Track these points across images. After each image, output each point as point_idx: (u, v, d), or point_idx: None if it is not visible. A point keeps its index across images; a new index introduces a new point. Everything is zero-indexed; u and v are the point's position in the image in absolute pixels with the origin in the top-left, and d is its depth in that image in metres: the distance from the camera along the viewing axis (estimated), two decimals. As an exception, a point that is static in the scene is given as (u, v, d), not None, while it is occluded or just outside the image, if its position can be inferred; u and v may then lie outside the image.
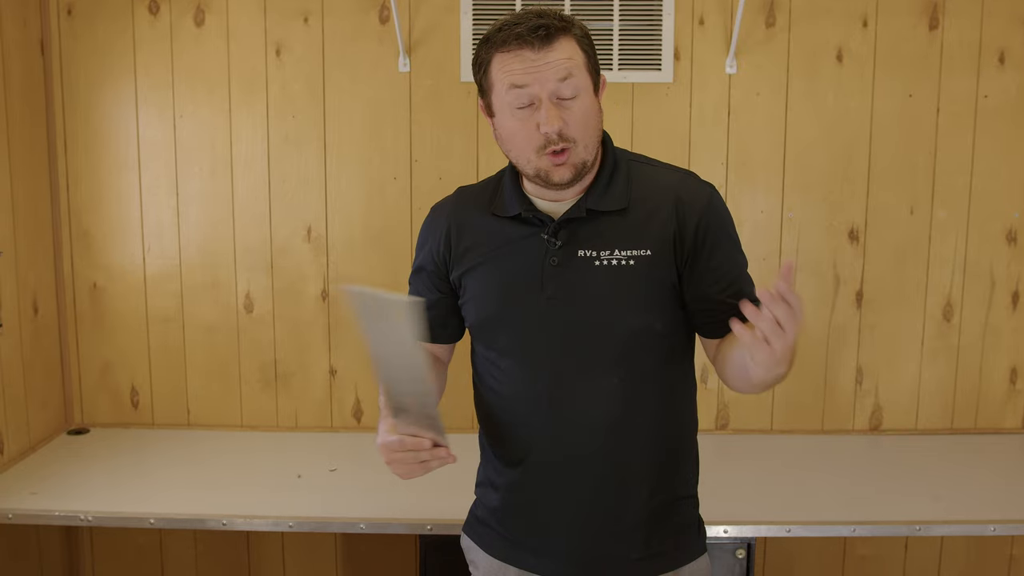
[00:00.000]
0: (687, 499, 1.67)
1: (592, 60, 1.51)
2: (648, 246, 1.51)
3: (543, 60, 1.45)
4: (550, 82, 1.45)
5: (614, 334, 1.52)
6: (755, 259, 2.77)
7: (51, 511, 2.34)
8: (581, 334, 1.53)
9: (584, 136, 1.49)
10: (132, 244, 2.87)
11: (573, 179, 1.51)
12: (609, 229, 1.53)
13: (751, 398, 2.88)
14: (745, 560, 2.30)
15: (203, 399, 2.94)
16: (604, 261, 1.51)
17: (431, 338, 1.71)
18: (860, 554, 2.93)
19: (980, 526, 2.28)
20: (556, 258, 1.53)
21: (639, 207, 1.54)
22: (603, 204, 1.53)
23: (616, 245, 1.52)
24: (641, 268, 1.51)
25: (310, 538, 2.97)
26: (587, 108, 1.48)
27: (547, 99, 1.45)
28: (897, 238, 2.81)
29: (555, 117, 1.45)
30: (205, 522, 2.30)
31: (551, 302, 1.53)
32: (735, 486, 2.49)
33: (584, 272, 1.52)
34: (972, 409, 2.89)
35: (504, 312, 1.58)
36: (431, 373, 1.42)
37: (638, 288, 1.52)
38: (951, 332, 2.85)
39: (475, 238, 1.61)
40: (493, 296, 1.59)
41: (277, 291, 2.88)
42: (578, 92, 1.46)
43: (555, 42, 1.45)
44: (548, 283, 1.53)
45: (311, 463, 2.63)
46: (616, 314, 1.52)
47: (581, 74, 1.47)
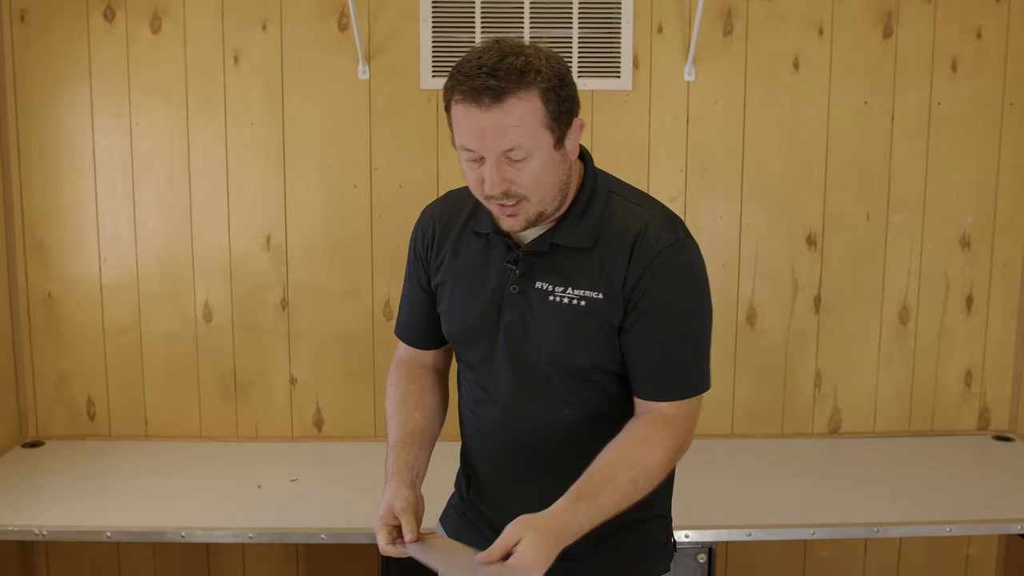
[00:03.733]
0: (650, 520, 1.64)
1: (557, 111, 1.39)
2: (602, 288, 1.46)
3: (490, 124, 1.35)
4: (496, 148, 1.36)
5: (563, 369, 1.51)
6: (714, 265, 2.80)
7: (4, 526, 2.29)
8: (533, 364, 1.52)
9: (537, 192, 1.42)
10: (88, 254, 2.83)
11: (527, 228, 1.47)
12: (570, 265, 1.48)
13: (711, 403, 2.90)
14: (707, 564, 2.31)
15: (161, 410, 2.90)
16: (557, 297, 1.48)
17: (427, 344, 1.71)
18: (820, 556, 2.96)
19: (937, 527, 2.31)
20: (516, 286, 1.50)
21: (604, 245, 1.47)
22: (568, 240, 1.48)
23: (572, 283, 1.48)
24: (591, 310, 1.47)
25: (271, 549, 2.94)
26: (541, 166, 1.40)
27: (493, 162, 1.38)
28: (854, 243, 2.85)
29: (497, 182, 1.38)
30: (164, 535, 2.27)
31: (507, 329, 1.52)
32: (696, 491, 2.49)
33: (538, 305, 1.49)
34: (928, 411, 2.94)
35: (468, 331, 1.58)
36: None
37: (586, 329, 1.48)
38: (907, 336, 2.89)
39: (453, 249, 1.60)
40: (459, 314, 1.58)
41: (236, 300, 2.85)
42: (529, 154, 1.37)
43: (506, 103, 1.34)
44: (506, 310, 1.51)
45: (271, 473, 2.60)
46: (565, 350, 1.49)
47: (535, 135, 1.37)
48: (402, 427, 1.62)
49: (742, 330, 2.87)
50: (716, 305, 2.80)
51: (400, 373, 1.71)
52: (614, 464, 1.39)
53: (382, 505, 1.50)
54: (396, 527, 1.48)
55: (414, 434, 1.62)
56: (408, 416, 1.64)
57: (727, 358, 2.88)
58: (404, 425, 1.62)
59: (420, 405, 1.66)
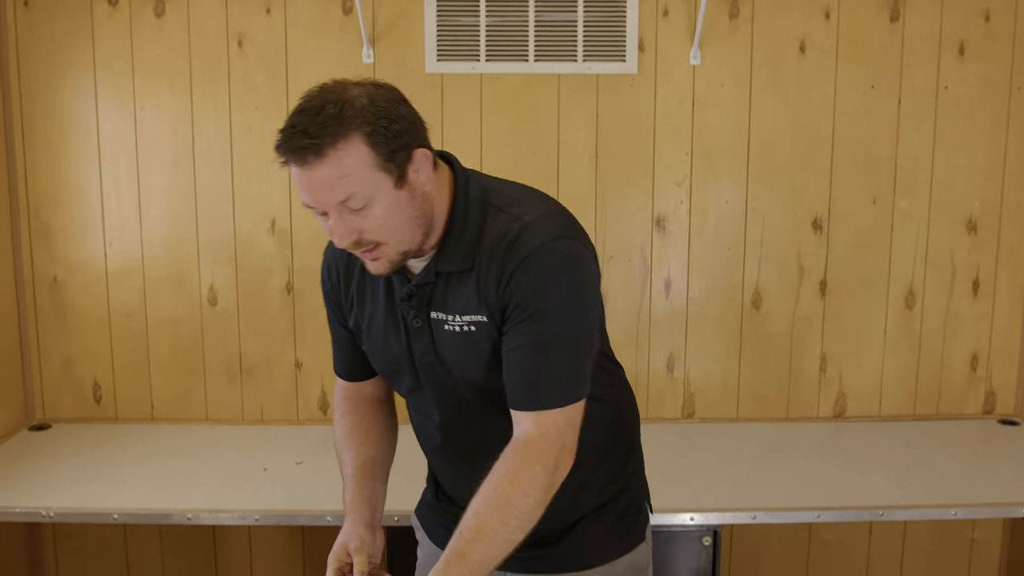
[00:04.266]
0: (618, 498, 1.64)
1: (388, 151, 1.32)
2: (484, 311, 1.42)
3: (319, 180, 1.30)
4: (330, 202, 1.32)
5: (484, 391, 1.49)
6: (720, 249, 2.80)
7: (12, 508, 2.31)
8: (455, 391, 1.51)
9: (391, 236, 1.37)
10: (93, 238, 2.83)
11: (395, 269, 1.42)
12: (457, 290, 1.44)
13: (717, 387, 2.90)
14: (711, 547, 2.31)
15: (167, 393, 2.91)
16: (451, 326, 1.45)
17: (364, 376, 1.69)
18: (825, 539, 2.96)
19: (942, 510, 2.31)
20: (417, 320, 1.48)
21: (480, 264, 1.42)
22: (450, 265, 1.43)
23: (460, 309, 1.44)
24: (481, 334, 1.44)
25: (276, 531, 2.95)
26: (387, 210, 1.34)
27: (335, 215, 1.33)
28: (860, 228, 2.84)
29: (345, 233, 1.34)
30: (170, 517, 2.28)
31: (421, 361, 1.51)
32: (701, 474, 2.51)
33: (439, 334, 1.47)
34: (934, 395, 2.93)
35: (389, 369, 1.58)
36: None
37: (484, 353, 1.45)
38: (913, 320, 2.89)
39: (359, 289, 1.57)
40: (378, 353, 1.57)
41: (241, 284, 2.85)
42: (368, 202, 1.32)
43: (328, 157, 1.28)
44: (415, 344, 1.50)
45: (277, 456, 2.61)
46: (476, 375, 1.47)
47: (368, 181, 1.31)
48: (353, 461, 1.63)
49: (747, 314, 2.86)
50: (722, 289, 2.83)
51: (343, 408, 1.70)
52: (480, 513, 1.35)
53: (337, 541, 1.54)
54: (349, 564, 1.52)
55: (365, 467, 1.62)
56: (357, 450, 1.63)
57: (732, 342, 2.88)
58: (355, 459, 1.63)
59: (367, 438, 1.66)
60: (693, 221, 2.82)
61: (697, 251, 2.83)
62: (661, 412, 2.92)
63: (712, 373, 2.90)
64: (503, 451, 1.40)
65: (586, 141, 2.79)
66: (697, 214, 2.82)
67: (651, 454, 1.81)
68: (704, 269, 2.84)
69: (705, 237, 2.82)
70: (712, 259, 2.84)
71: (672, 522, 2.26)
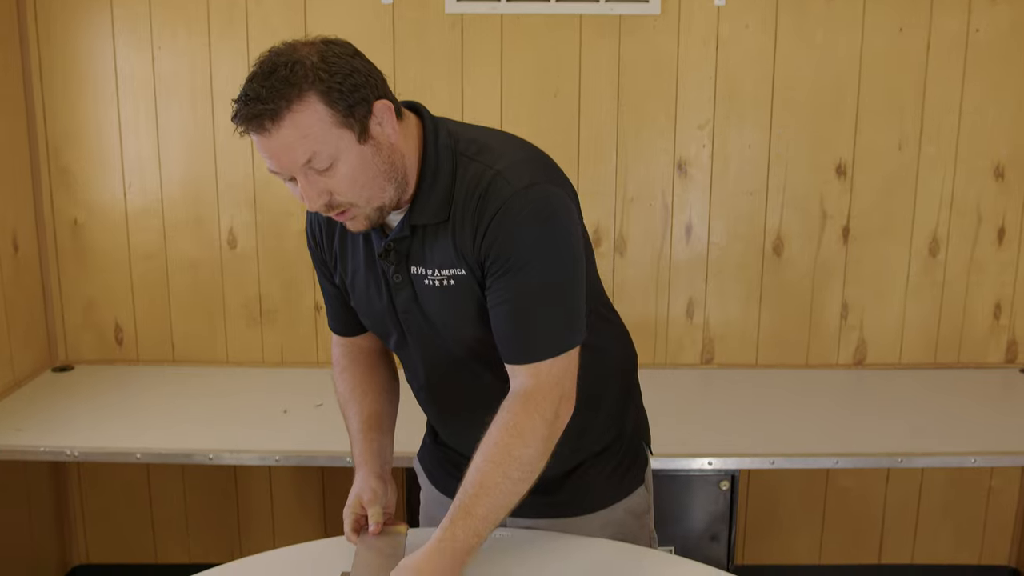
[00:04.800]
0: (615, 444, 1.64)
1: (346, 106, 1.28)
2: (463, 264, 1.40)
3: (279, 145, 1.27)
4: (294, 165, 1.29)
5: (466, 345, 1.48)
6: (741, 194, 2.78)
7: (37, 447, 2.34)
8: (439, 345, 1.50)
9: (360, 194, 1.34)
10: (112, 180, 2.83)
11: (372, 226, 1.40)
12: (434, 243, 1.41)
13: (737, 333, 2.89)
14: (729, 492, 2.33)
15: (188, 336, 2.93)
16: (431, 281, 1.43)
17: (358, 331, 1.67)
18: (842, 486, 2.97)
19: (960, 458, 2.31)
20: (398, 275, 1.45)
21: (455, 216, 1.39)
22: (424, 218, 1.40)
23: (438, 263, 1.41)
24: (460, 287, 1.41)
25: (297, 471, 2.99)
26: (353, 168, 1.31)
27: (302, 179, 1.31)
28: (885, 174, 2.80)
29: (314, 196, 1.32)
30: (192, 456, 2.31)
31: (403, 317, 1.49)
32: (719, 419, 2.51)
33: (419, 289, 1.45)
34: (955, 344, 2.91)
35: (376, 325, 1.57)
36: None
37: (464, 306, 1.43)
38: (936, 268, 2.86)
39: (341, 246, 1.55)
40: (364, 309, 1.56)
41: (260, 227, 2.85)
42: (333, 160, 1.29)
43: (285, 120, 1.26)
44: (396, 299, 1.48)
45: (297, 398, 2.63)
46: (458, 327, 1.46)
47: (329, 140, 1.28)
48: (359, 415, 1.63)
49: (768, 260, 2.84)
50: (743, 234, 2.81)
51: (343, 364, 1.69)
52: (482, 468, 1.35)
53: (351, 495, 1.56)
54: (364, 516, 1.54)
55: (371, 420, 1.62)
56: (361, 404, 1.64)
57: (753, 288, 2.86)
58: (360, 413, 1.63)
59: (370, 391, 1.66)
60: (715, 165, 2.79)
61: (719, 196, 2.80)
62: (680, 358, 2.92)
63: (732, 319, 2.89)
64: (501, 404, 1.40)
65: (608, 83, 2.75)
66: (719, 158, 2.79)
67: (669, 399, 1.82)
68: (725, 214, 2.82)
69: (727, 182, 2.79)
70: (734, 204, 2.81)
71: (690, 466, 2.27)
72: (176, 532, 3.04)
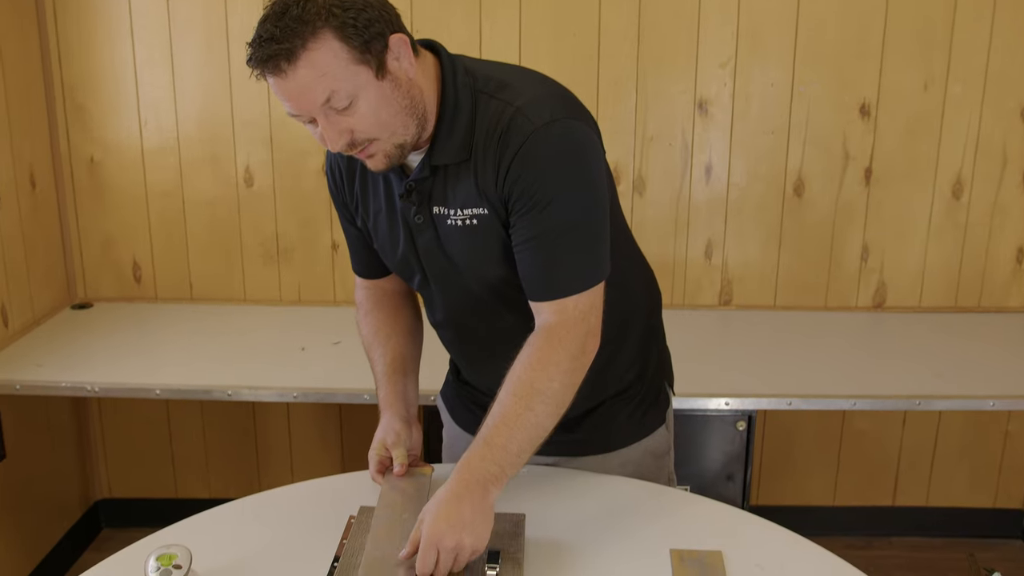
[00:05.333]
0: (636, 383, 1.64)
1: (362, 42, 1.26)
2: (485, 203, 1.38)
3: (296, 86, 1.25)
4: (314, 106, 1.27)
5: (488, 285, 1.47)
6: (763, 133, 2.74)
7: (58, 382, 2.36)
8: (461, 286, 1.49)
9: (382, 130, 1.32)
10: (128, 118, 2.82)
11: (393, 165, 1.38)
12: (456, 183, 1.40)
13: (755, 274, 2.87)
14: (745, 432, 2.33)
15: (205, 274, 2.93)
16: (452, 221, 1.41)
17: (381, 273, 1.66)
18: (858, 429, 2.97)
19: (979, 401, 2.30)
20: (419, 216, 1.44)
21: (476, 155, 1.37)
22: (445, 157, 1.38)
23: (460, 203, 1.40)
24: (483, 226, 1.40)
25: (315, 408, 3.01)
26: (373, 104, 1.29)
27: (322, 120, 1.29)
28: (909, 114, 2.75)
29: (335, 136, 1.30)
30: (210, 393, 2.33)
31: (425, 257, 1.48)
32: (737, 360, 2.50)
33: (442, 229, 1.43)
34: (977, 288, 2.89)
35: (399, 266, 1.56)
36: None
37: (488, 246, 1.42)
38: (959, 210, 2.82)
39: (362, 187, 1.53)
40: (387, 250, 1.55)
41: (277, 165, 2.84)
42: (352, 98, 1.27)
43: (301, 59, 1.23)
44: (418, 241, 1.47)
45: (315, 336, 2.64)
46: (480, 268, 1.45)
47: (347, 77, 1.26)
48: (383, 357, 1.63)
49: (789, 201, 2.81)
50: (763, 174, 2.78)
51: (367, 307, 1.69)
52: (504, 401, 1.35)
53: (375, 437, 1.57)
54: (389, 458, 1.55)
55: (395, 363, 1.62)
56: (386, 346, 1.64)
57: (773, 229, 2.84)
58: (384, 355, 1.63)
59: (394, 332, 1.65)
60: (736, 104, 2.75)
61: (739, 135, 2.76)
62: (698, 299, 2.91)
63: (751, 260, 2.87)
64: (526, 340, 1.39)
65: (627, 21, 2.70)
66: (741, 97, 2.74)
67: (687, 340, 1.81)
68: (746, 154, 2.78)
69: (748, 121, 2.75)
70: (755, 144, 2.77)
71: (707, 406, 2.27)
72: (196, 467, 3.08)
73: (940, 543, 3.03)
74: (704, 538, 1.41)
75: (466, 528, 1.27)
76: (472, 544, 1.27)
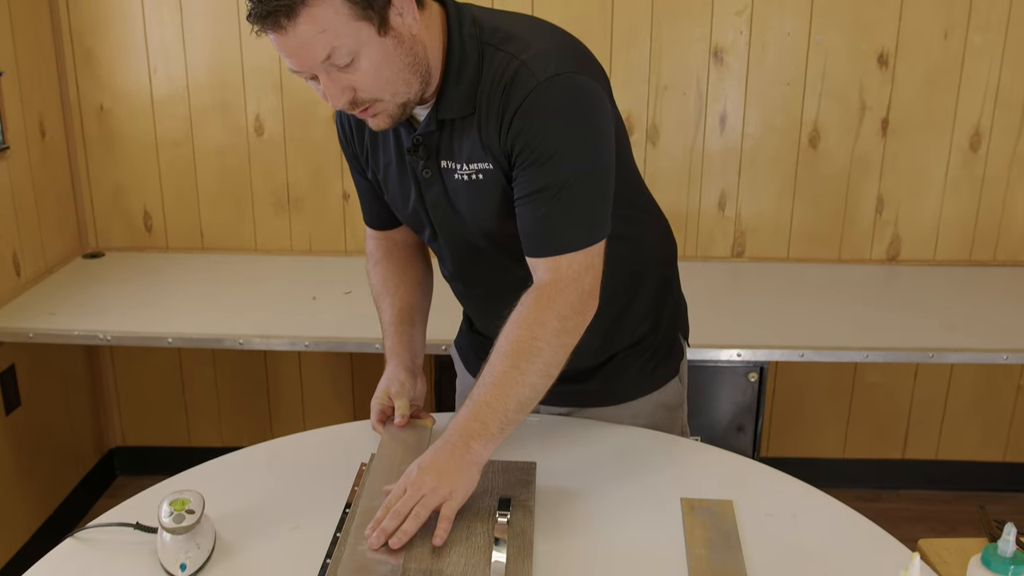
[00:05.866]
0: (650, 335, 1.62)
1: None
2: (489, 157, 1.36)
3: (296, 42, 1.22)
4: (314, 62, 1.24)
5: (496, 239, 1.45)
6: (779, 84, 2.70)
7: (70, 330, 2.37)
8: (469, 240, 1.48)
9: (385, 89, 1.29)
10: (137, 65, 2.79)
11: (397, 123, 1.36)
12: (462, 137, 1.37)
13: (769, 226, 2.85)
14: (757, 383, 2.33)
15: (216, 223, 2.93)
16: (459, 175, 1.39)
17: (392, 224, 1.65)
18: (870, 382, 2.97)
19: (992, 354, 2.29)
20: (427, 170, 1.42)
21: (484, 108, 1.34)
22: (451, 111, 1.36)
23: (466, 157, 1.37)
24: (489, 181, 1.38)
25: (326, 357, 3.02)
26: (375, 62, 1.25)
27: (323, 77, 1.26)
28: (928, 64, 2.70)
29: (337, 94, 1.27)
30: (222, 341, 2.33)
31: (434, 211, 1.46)
32: (749, 312, 2.49)
33: (449, 183, 1.42)
34: (992, 241, 2.86)
35: (408, 219, 1.54)
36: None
37: (494, 200, 1.39)
38: (977, 162, 2.79)
39: (371, 140, 1.51)
40: (398, 204, 1.53)
41: (288, 113, 2.81)
42: (353, 55, 1.24)
43: (301, 15, 1.19)
44: (426, 194, 1.45)
45: (326, 286, 2.64)
46: (487, 222, 1.43)
47: (348, 34, 1.22)
48: (391, 307, 1.62)
49: (804, 152, 2.78)
50: (779, 125, 2.74)
51: (377, 257, 1.68)
52: (492, 360, 1.34)
53: (379, 386, 1.56)
54: (391, 407, 1.54)
55: (403, 313, 1.62)
56: (394, 296, 1.63)
57: (787, 180, 2.81)
58: (392, 305, 1.62)
59: (403, 283, 1.65)
60: (752, 53, 2.70)
61: (755, 85, 2.72)
62: (710, 251, 2.89)
63: (764, 212, 2.84)
64: (520, 299, 1.38)
65: (643, -33, 2.65)
66: (757, 46, 2.70)
67: (699, 292, 1.80)
68: (761, 104, 2.74)
69: (764, 70, 2.71)
70: (770, 94, 2.73)
71: (719, 358, 2.27)
72: (208, 416, 3.11)
73: (950, 496, 3.04)
74: (715, 487, 1.41)
75: (441, 475, 1.27)
76: (442, 491, 1.26)
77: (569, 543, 1.29)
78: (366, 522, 1.28)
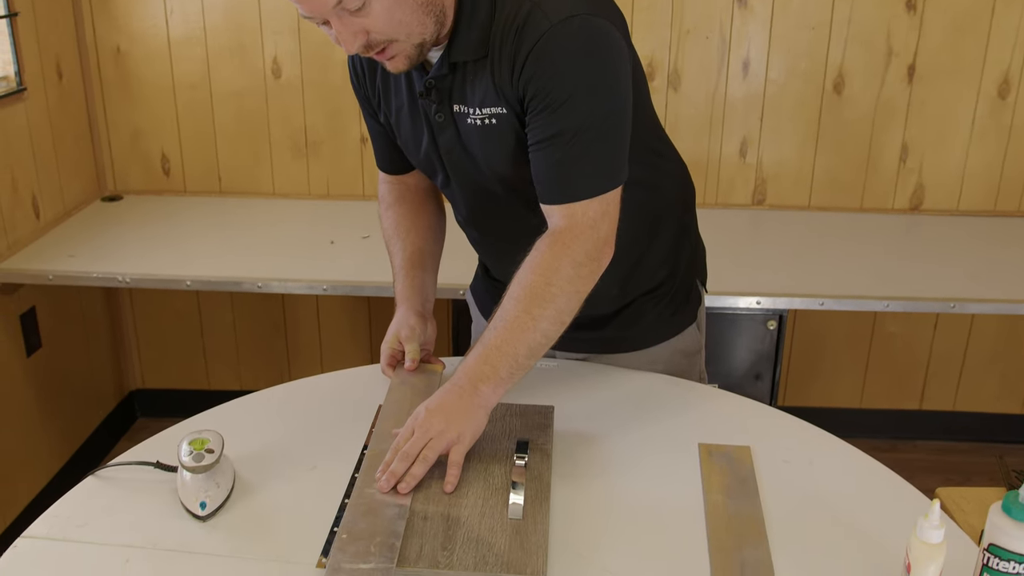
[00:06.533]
0: (668, 281, 1.61)
1: None
2: (502, 101, 1.33)
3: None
4: (325, 7, 1.21)
5: (510, 184, 1.43)
6: (804, 28, 2.65)
7: (89, 272, 2.38)
8: (483, 185, 1.45)
9: (399, 30, 1.25)
10: (153, 6, 2.76)
11: (413, 66, 1.32)
12: (475, 81, 1.34)
13: (791, 174, 2.82)
14: (776, 332, 2.32)
15: (234, 167, 2.92)
16: (472, 120, 1.36)
17: (405, 168, 1.63)
18: (889, 331, 2.95)
19: (1015, 305, 2.27)
20: (440, 114, 1.39)
21: (497, 50, 1.31)
22: (463, 54, 1.33)
23: (479, 102, 1.34)
24: (502, 125, 1.35)
25: (344, 301, 3.02)
26: (386, 5, 1.23)
27: (335, 21, 1.23)
28: (957, 9, 2.64)
29: (350, 38, 1.24)
30: (241, 284, 2.34)
31: (447, 157, 1.44)
32: (769, 260, 2.48)
33: (462, 127, 1.39)
34: (1017, 192, 2.82)
35: (421, 164, 1.52)
36: None
37: (507, 145, 1.37)
38: (1004, 111, 2.74)
39: (383, 84, 1.48)
40: (410, 148, 1.51)
41: (305, 56, 2.79)
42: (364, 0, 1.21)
43: None
44: (439, 139, 1.42)
45: (343, 230, 2.63)
46: (501, 167, 1.40)
47: None
48: (402, 251, 1.61)
49: (828, 98, 2.74)
50: (803, 71, 2.70)
51: (389, 201, 1.66)
52: (504, 304, 1.32)
53: (389, 330, 1.56)
54: (401, 351, 1.54)
55: (414, 257, 1.60)
56: (405, 240, 1.61)
57: (810, 127, 2.77)
58: (404, 250, 1.61)
59: (415, 227, 1.63)
60: (778, -3, 2.66)
61: (779, 29, 2.67)
62: (730, 198, 2.86)
63: (786, 159, 2.81)
64: (534, 244, 1.36)
65: (667, -94, 2.60)
66: (782, -11, 2.65)
67: (719, 239, 1.79)
68: (786, 49, 2.69)
69: (789, 14, 2.66)
70: (795, 39, 2.68)
71: (738, 305, 2.26)
72: (227, 359, 3.13)
73: (966, 447, 3.03)
74: (733, 433, 1.41)
75: (449, 418, 1.26)
76: (449, 434, 1.26)
77: (586, 487, 1.29)
78: (375, 465, 1.28)
